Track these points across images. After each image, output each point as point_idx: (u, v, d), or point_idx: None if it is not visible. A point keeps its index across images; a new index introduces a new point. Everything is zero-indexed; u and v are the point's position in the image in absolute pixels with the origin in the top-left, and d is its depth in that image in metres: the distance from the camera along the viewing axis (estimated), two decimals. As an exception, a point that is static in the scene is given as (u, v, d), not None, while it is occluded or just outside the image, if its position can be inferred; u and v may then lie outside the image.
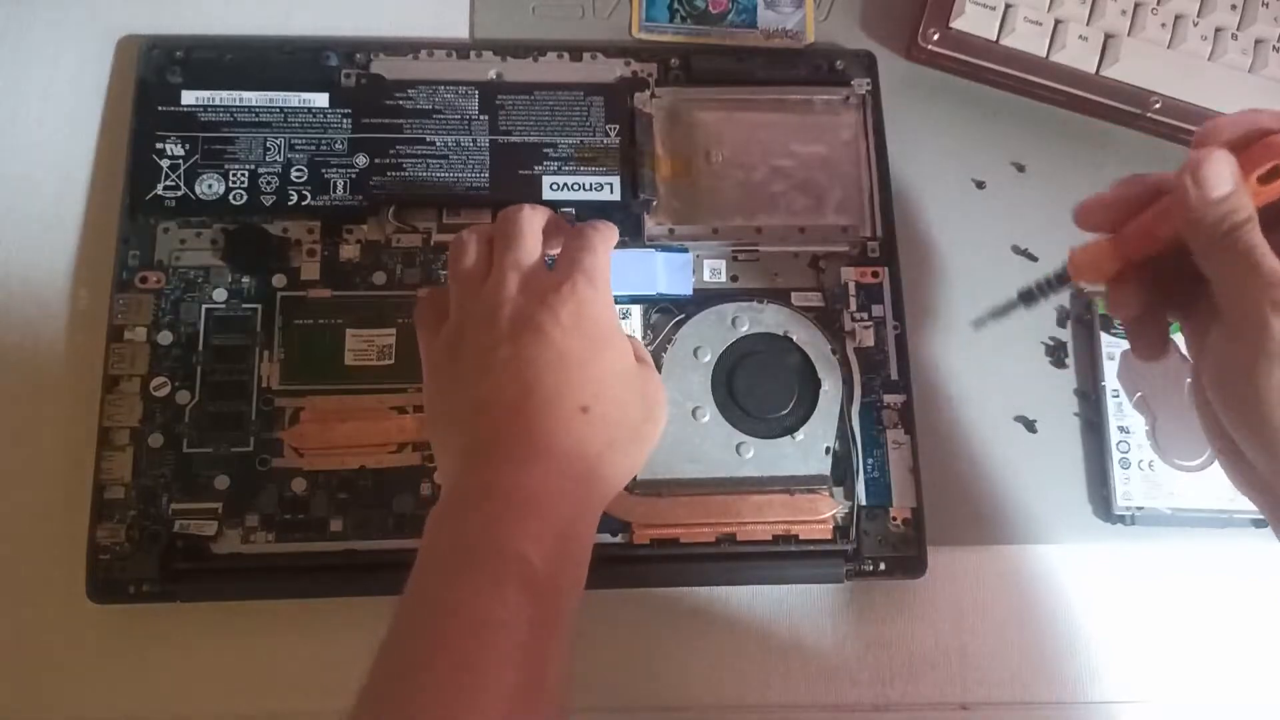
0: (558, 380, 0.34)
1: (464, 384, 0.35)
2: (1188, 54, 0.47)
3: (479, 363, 0.34)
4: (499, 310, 0.35)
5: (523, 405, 0.33)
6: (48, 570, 0.41)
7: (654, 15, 0.49)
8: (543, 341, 0.34)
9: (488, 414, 0.34)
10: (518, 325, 0.34)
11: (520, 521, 0.31)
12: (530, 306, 0.34)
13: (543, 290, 0.35)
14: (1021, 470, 0.45)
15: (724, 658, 0.43)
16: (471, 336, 0.35)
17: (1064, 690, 0.44)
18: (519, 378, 0.34)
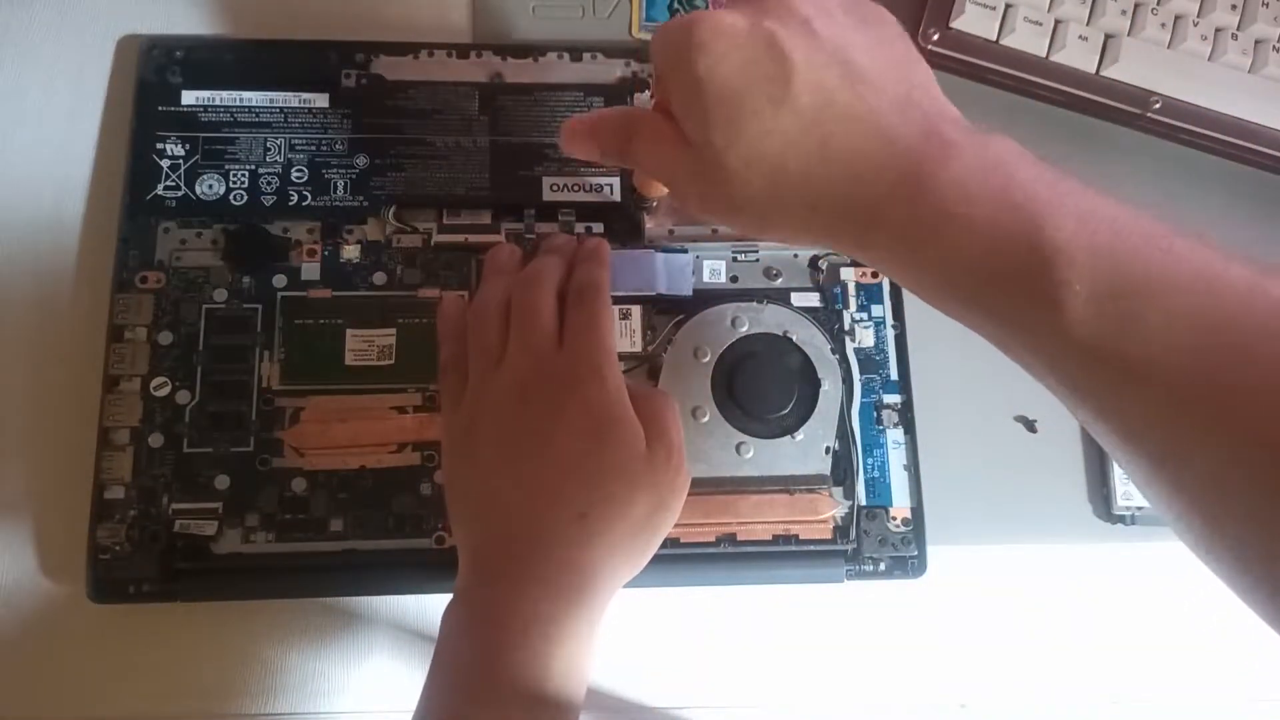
0: (557, 485, 0.34)
1: (475, 477, 0.36)
2: (1188, 54, 0.47)
3: (488, 458, 0.35)
4: (507, 405, 0.35)
5: (520, 514, 0.34)
6: (48, 570, 0.41)
7: (654, 15, 0.49)
8: (546, 445, 0.34)
9: (490, 519, 0.35)
10: (523, 428, 0.35)
11: (514, 651, 0.32)
12: (538, 408, 0.35)
13: (552, 389, 0.35)
14: (1021, 470, 0.45)
15: (724, 658, 0.43)
16: (483, 428, 0.36)
17: (1064, 690, 0.44)
18: (520, 483, 0.34)
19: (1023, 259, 0.25)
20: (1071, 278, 0.24)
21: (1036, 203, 0.25)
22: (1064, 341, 0.25)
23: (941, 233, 0.27)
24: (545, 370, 0.35)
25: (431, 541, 0.41)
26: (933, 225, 0.27)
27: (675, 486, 0.36)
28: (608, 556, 0.34)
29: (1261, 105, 0.47)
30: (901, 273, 0.31)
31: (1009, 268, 0.25)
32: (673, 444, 0.36)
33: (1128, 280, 0.24)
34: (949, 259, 0.27)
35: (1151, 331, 0.24)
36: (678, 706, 0.43)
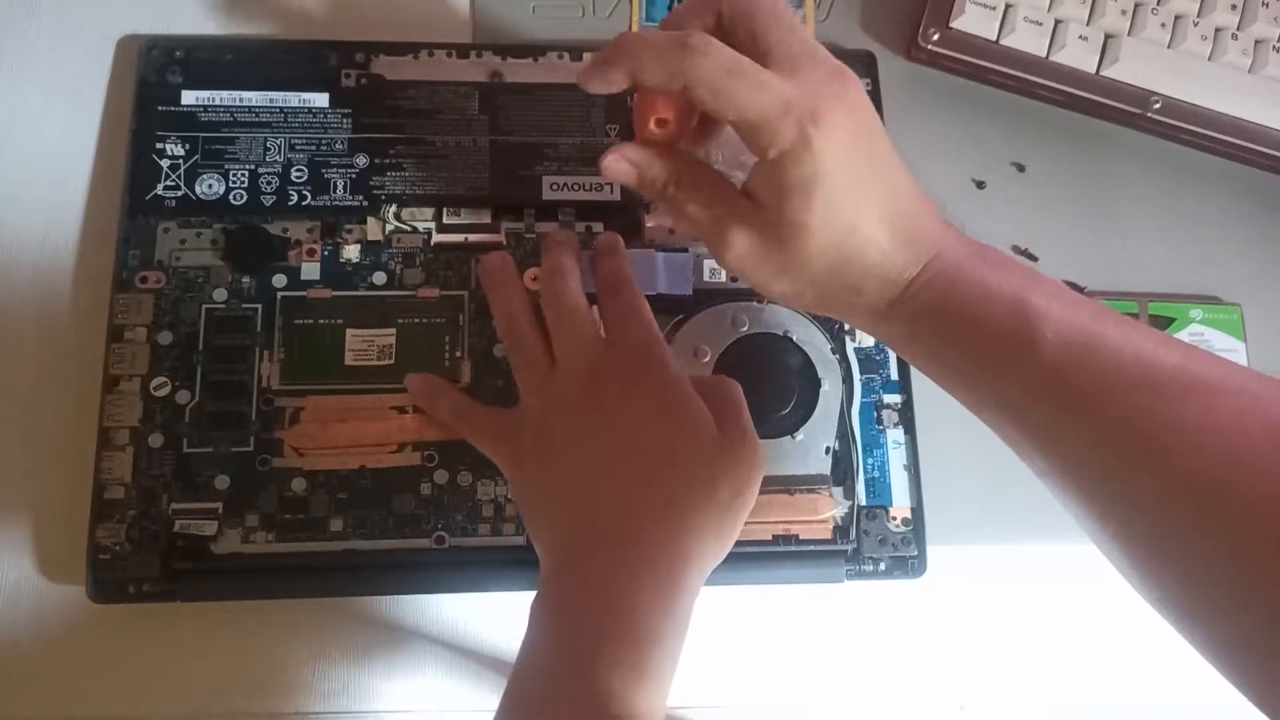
0: (640, 473, 0.34)
1: (552, 476, 0.36)
2: (1188, 54, 0.47)
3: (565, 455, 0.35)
4: (576, 401, 0.36)
5: (606, 505, 0.34)
6: (47, 570, 0.41)
7: (654, 15, 0.49)
8: (624, 436, 0.35)
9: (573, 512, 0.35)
10: (598, 421, 0.35)
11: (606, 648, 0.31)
12: (609, 399, 0.35)
13: (618, 379, 0.35)
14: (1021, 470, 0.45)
15: (724, 658, 0.43)
16: (554, 426, 0.36)
17: (1064, 690, 0.44)
18: (602, 474, 0.34)
19: (1010, 317, 0.31)
20: (1046, 328, 0.30)
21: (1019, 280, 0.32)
22: (1034, 375, 0.31)
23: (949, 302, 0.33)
24: (605, 363, 0.36)
25: (431, 541, 0.41)
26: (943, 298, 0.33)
27: (753, 468, 0.35)
28: (696, 542, 0.34)
29: (1261, 105, 0.47)
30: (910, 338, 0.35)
31: (1001, 321, 0.31)
32: (745, 426, 0.36)
33: (1088, 332, 0.30)
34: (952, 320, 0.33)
35: (1104, 364, 0.30)
36: (678, 706, 0.43)
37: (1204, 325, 0.48)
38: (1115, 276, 0.48)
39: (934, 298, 0.33)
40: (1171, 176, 0.50)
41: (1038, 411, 0.31)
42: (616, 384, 0.35)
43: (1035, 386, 0.31)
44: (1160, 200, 0.50)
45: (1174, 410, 0.29)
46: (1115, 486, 0.30)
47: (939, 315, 0.33)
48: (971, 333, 0.32)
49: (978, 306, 0.32)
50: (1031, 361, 0.30)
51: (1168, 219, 0.50)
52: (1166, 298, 0.48)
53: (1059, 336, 0.30)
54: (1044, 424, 0.31)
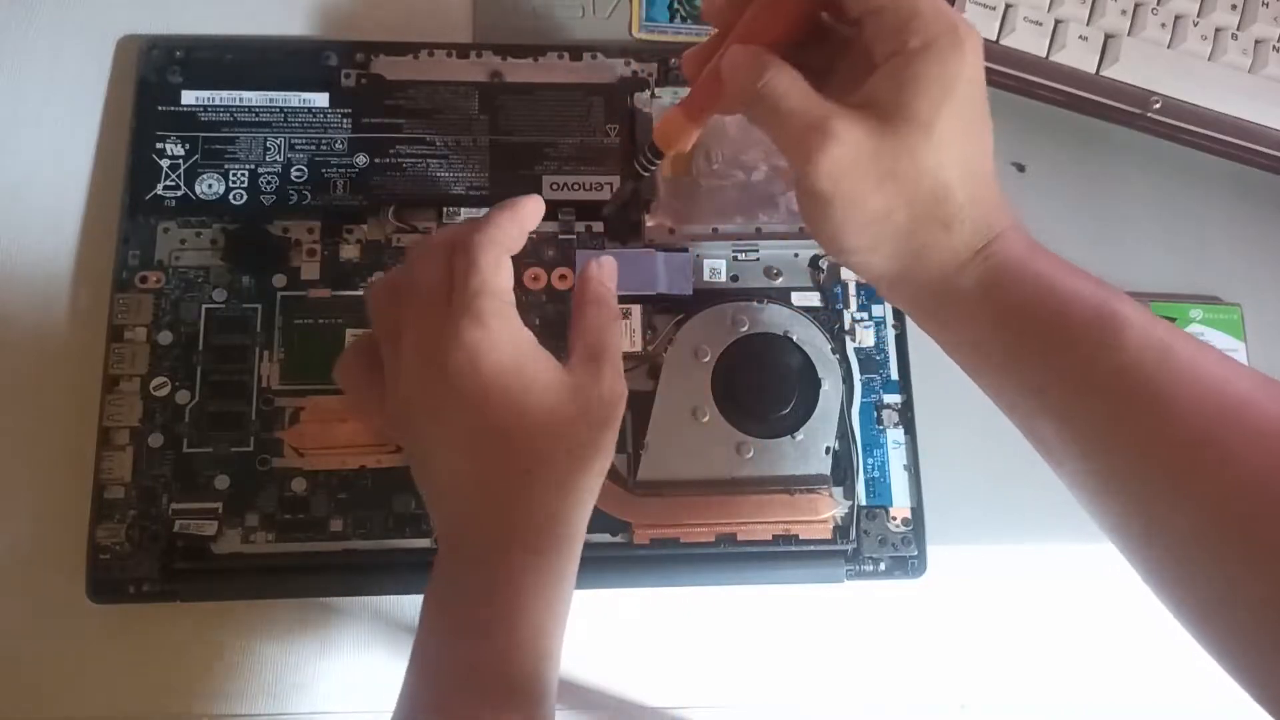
0: (491, 446, 0.33)
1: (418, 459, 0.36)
2: (1188, 54, 0.47)
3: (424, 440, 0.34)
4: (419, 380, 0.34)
5: (470, 485, 0.33)
6: (48, 570, 0.41)
7: (654, 15, 0.49)
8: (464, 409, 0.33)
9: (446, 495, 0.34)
10: (440, 397, 0.33)
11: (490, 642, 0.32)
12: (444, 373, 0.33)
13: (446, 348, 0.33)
14: (1021, 470, 0.45)
15: (724, 658, 0.43)
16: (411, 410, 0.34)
17: (1064, 690, 0.44)
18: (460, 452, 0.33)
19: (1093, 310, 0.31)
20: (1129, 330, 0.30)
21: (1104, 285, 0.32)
22: (1106, 371, 0.30)
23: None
24: (435, 330, 0.33)
25: (431, 541, 0.41)
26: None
27: (610, 401, 0.35)
28: (563, 499, 0.34)
29: (1261, 105, 0.47)
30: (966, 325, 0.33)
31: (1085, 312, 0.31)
32: (597, 354, 0.35)
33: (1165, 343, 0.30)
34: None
35: (1179, 365, 0.29)
36: (678, 706, 0.43)
37: (1204, 325, 0.48)
38: (1115, 276, 0.47)
39: (1016, 265, 0.31)
40: (1171, 176, 0.50)
41: (1096, 407, 0.30)
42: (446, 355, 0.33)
43: (1104, 381, 0.30)
44: (1160, 200, 0.50)
45: (1234, 436, 0.28)
46: (1153, 496, 0.30)
47: (1019, 283, 0.31)
48: (1052, 315, 0.31)
49: (1063, 290, 0.31)
50: (1107, 357, 0.30)
51: (1168, 219, 0.50)
52: (1166, 298, 0.48)
53: (1137, 341, 0.30)
54: (1099, 421, 0.30)
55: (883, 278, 0.34)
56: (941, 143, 0.30)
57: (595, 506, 0.41)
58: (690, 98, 0.35)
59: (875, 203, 0.31)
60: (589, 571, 0.41)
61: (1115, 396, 0.30)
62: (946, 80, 0.30)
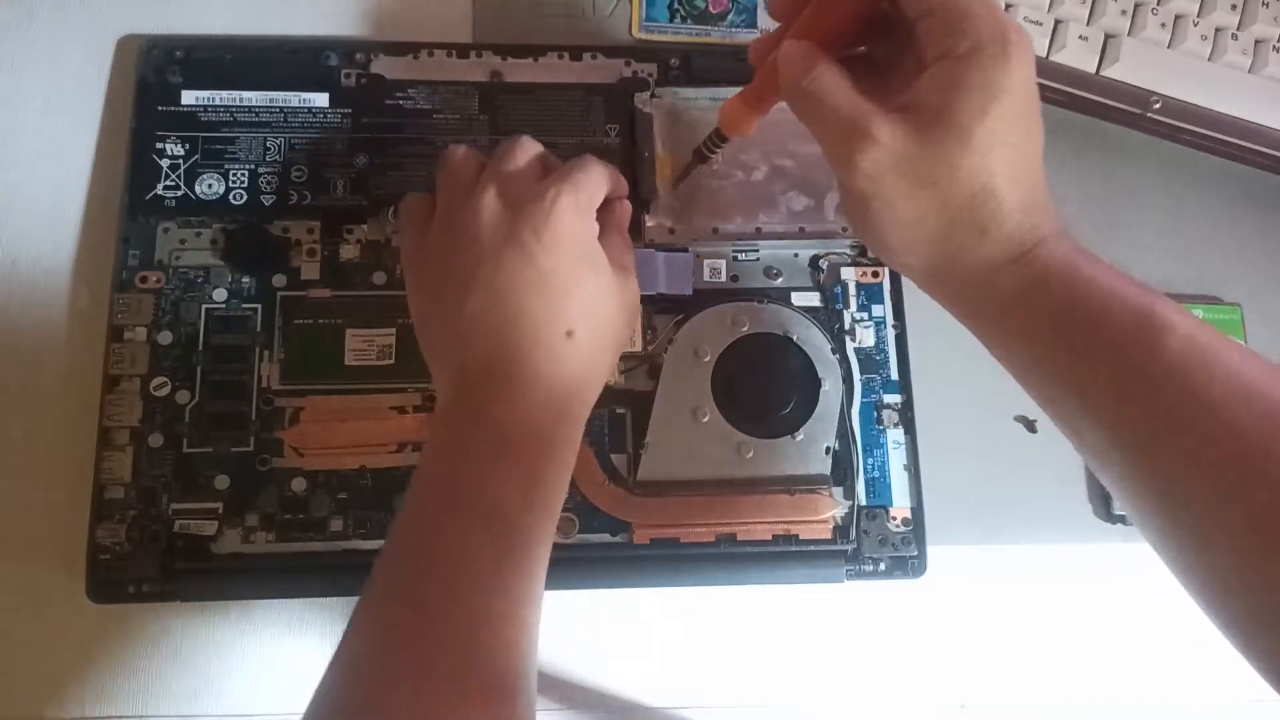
0: (542, 304, 0.35)
1: (451, 300, 0.36)
2: (1188, 54, 0.47)
3: (464, 279, 0.35)
4: (481, 220, 0.35)
5: (508, 331, 0.34)
6: (48, 570, 0.41)
7: (654, 15, 0.49)
8: (524, 260, 0.35)
9: (474, 339, 0.35)
10: (498, 240, 0.35)
11: (498, 466, 0.33)
12: (511, 219, 0.35)
13: (523, 202, 0.35)
14: (1021, 470, 0.45)
15: (724, 658, 0.43)
16: (457, 248, 0.36)
17: (1064, 690, 0.44)
18: (503, 301, 0.35)
19: (1137, 314, 0.31)
20: (1173, 332, 0.30)
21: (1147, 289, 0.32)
22: (1152, 372, 0.30)
23: None
24: (521, 191, 0.36)
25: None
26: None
27: (636, 306, 0.40)
28: (591, 370, 0.36)
29: (1261, 105, 0.47)
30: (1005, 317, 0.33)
31: (1128, 315, 0.31)
32: (629, 267, 0.39)
33: (1211, 347, 0.30)
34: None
35: (1224, 372, 0.29)
36: (678, 706, 0.43)
37: (1204, 325, 0.48)
38: None
39: (1059, 269, 0.32)
40: (1171, 176, 0.50)
41: (1139, 412, 0.30)
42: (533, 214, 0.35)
43: (1146, 386, 0.30)
44: (1160, 200, 0.50)
45: (1275, 440, 0.28)
46: (1200, 507, 0.29)
47: (1061, 287, 0.31)
48: (1093, 316, 0.31)
49: (1106, 294, 0.31)
50: (1149, 361, 0.30)
51: (1168, 219, 0.50)
52: (1166, 298, 0.48)
53: (1181, 346, 0.30)
54: (1143, 427, 0.30)
55: (920, 277, 0.35)
56: (981, 149, 0.30)
57: (595, 507, 0.41)
58: (751, 87, 0.37)
59: (911, 206, 0.32)
60: (589, 571, 0.42)
61: (1159, 402, 0.30)
62: (990, 88, 0.30)
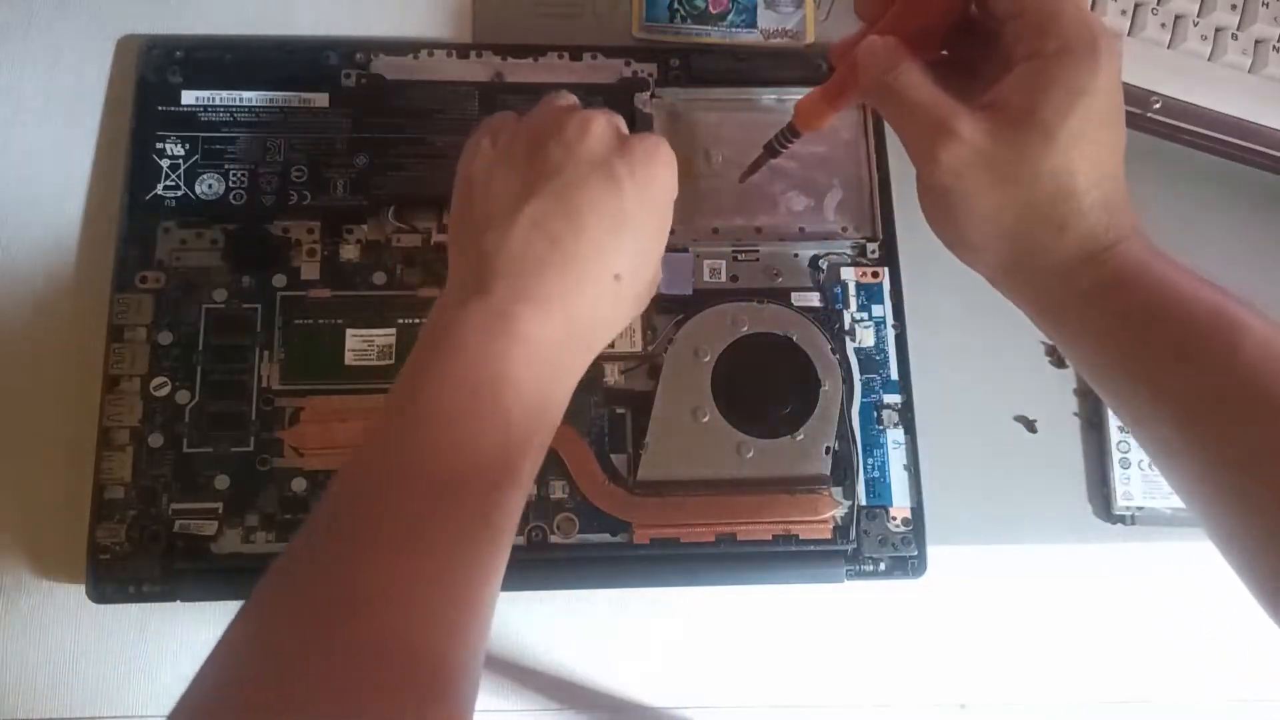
0: (607, 239, 0.34)
1: (517, 186, 0.34)
2: (1188, 54, 0.47)
3: (541, 175, 0.33)
4: (587, 134, 0.34)
5: (565, 249, 0.33)
6: (48, 570, 0.41)
7: (654, 15, 0.49)
8: (611, 189, 0.33)
9: (531, 234, 0.33)
10: (595, 160, 0.34)
11: (516, 379, 0.31)
12: (610, 148, 0.34)
13: (622, 137, 0.35)
14: (1021, 470, 0.45)
15: (724, 658, 0.43)
16: (542, 141, 0.34)
17: (1064, 690, 0.44)
18: (575, 216, 0.33)
19: (1213, 316, 0.31)
20: (1249, 335, 0.30)
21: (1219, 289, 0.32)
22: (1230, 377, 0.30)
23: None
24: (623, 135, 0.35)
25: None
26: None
27: (656, 280, 0.39)
28: (618, 321, 0.36)
29: (1261, 105, 0.47)
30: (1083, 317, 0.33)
31: (1204, 318, 0.31)
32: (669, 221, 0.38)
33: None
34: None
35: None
36: (678, 706, 0.43)
37: (1204, 325, 0.48)
38: None
39: (1134, 269, 0.32)
40: (1171, 176, 0.50)
41: (1214, 415, 0.30)
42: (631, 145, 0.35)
43: (1222, 390, 0.30)
44: (1160, 200, 0.50)
45: None
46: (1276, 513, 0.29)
47: (1136, 288, 0.31)
48: (1170, 316, 0.31)
49: (1183, 295, 0.31)
50: (1229, 362, 0.30)
51: (1168, 219, 0.50)
52: (1166, 298, 0.48)
53: (1258, 350, 0.30)
54: (1217, 430, 0.30)
55: (995, 274, 0.35)
56: (1063, 149, 0.31)
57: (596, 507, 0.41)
58: (831, 82, 0.37)
59: (990, 202, 0.32)
60: (589, 571, 0.42)
61: (1234, 404, 0.30)
62: (1076, 89, 0.30)
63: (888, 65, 0.33)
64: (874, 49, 0.33)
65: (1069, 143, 0.31)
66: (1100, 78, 0.31)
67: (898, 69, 0.32)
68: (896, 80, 0.32)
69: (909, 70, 0.32)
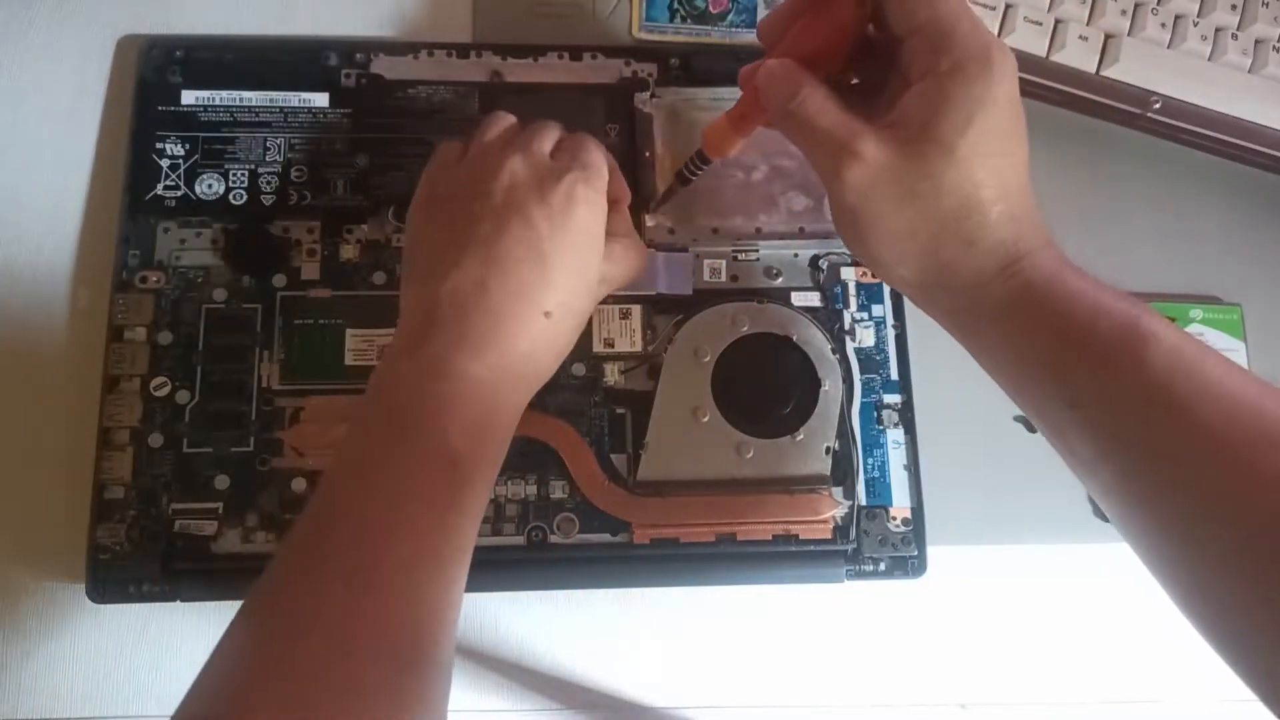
0: (532, 279, 0.35)
1: (448, 242, 0.36)
2: (1188, 54, 0.47)
3: (467, 229, 0.36)
4: (496, 182, 0.36)
5: (493, 293, 0.35)
6: (48, 570, 0.41)
7: (654, 15, 0.49)
8: (528, 235, 0.35)
9: (460, 285, 0.35)
10: (509, 207, 0.35)
11: (455, 411, 0.33)
12: (525, 192, 0.36)
13: (541, 179, 0.36)
14: (1021, 470, 0.45)
15: (724, 658, 0.43)
16: (467, 198, 0.36)
17: (1064, 690, 0.44)
18: (496, 263, 0.35)
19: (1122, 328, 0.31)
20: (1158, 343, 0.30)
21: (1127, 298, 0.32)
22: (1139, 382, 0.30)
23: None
24: (541, 169, 0.37)
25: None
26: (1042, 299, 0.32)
27: (631, 266, 0.40)
28: (564, 345, 0.37)
29: (1261, 105, 0.47)
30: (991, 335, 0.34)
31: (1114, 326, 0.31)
32: (629, 228, 0.40)
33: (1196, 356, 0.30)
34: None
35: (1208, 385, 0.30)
36: (678, 706, 0.43)
37: (1204, 325, 0.48)
38: (1115, 277, 0.47)
39: (1044, 282, 0.32)
40: (1171, 176, 0.50)
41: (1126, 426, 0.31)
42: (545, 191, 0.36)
43: (1132, 400, 0.30)
44: (1160, 200, 0.50)
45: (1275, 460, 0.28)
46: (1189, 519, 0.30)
47: (1047, 300, 0.32)
48: (1080, 328, 0.31)
49: (1092, 306, 0.31)
50: (1135, 374, 0.30)
51: (1168, 219, 0.50)
52: (1166, 298, 0.48)
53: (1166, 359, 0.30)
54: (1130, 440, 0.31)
55: (912, 290, 0.35)
56: (964, 163, 0.31)
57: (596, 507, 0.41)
58: (736, 108, 0.37)
59: (898, 220, 0.32)
60: (589, 571, 0.42)
61: (1144, 415, 0.30)
62: (972, 103, 0.31)
63: (789, 92, 0.33)
64: (774, 74, 0.33)
65: (969, 156, 0.31)
66: (996, 90, 0.31)
67: (799, 95, 0.33)
68: (799, 106, 0.33)
69: (810, 95, 0.33)
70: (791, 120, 0.33)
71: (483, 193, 0.36)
